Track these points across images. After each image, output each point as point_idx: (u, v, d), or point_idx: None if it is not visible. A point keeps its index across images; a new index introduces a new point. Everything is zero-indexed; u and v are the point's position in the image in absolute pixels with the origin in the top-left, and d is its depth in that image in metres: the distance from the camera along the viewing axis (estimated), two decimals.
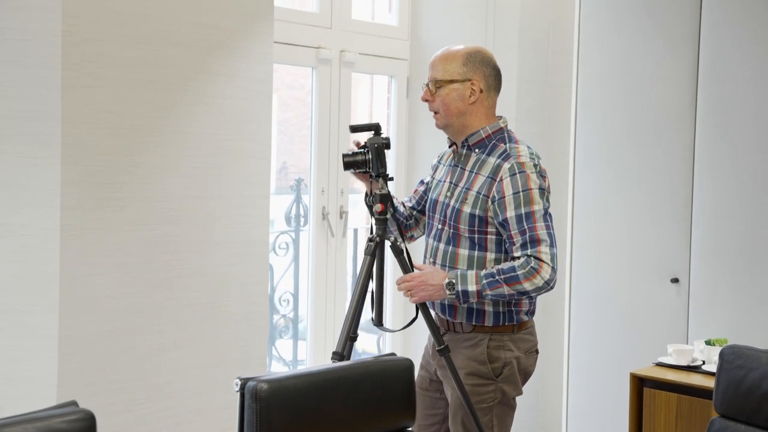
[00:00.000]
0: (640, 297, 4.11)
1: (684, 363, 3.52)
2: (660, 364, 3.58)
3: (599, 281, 4.25)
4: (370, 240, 2.82)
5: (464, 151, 2.83)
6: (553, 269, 2.64)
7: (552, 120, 4.47)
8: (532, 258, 2.63)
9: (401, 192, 4.56)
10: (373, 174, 2.80)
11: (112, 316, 2.98)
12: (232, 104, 3.29)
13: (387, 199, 2.80)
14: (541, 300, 4.38)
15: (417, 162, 4.55)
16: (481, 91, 2.79)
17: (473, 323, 2.78)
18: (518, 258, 2.66)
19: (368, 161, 2.79)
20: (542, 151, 4.42)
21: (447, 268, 2.78)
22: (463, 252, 2.77)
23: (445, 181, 2.86)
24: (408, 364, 2.31)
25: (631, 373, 3.55)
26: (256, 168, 3.40)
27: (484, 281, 2.65)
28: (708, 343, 3.55)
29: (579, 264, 4.31)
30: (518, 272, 2.64)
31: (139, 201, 3.03)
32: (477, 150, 2.80)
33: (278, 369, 4.22)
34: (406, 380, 2.29)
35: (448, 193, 2.81)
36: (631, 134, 4.16)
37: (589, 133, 4.29)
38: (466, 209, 2.74)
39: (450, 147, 2.93)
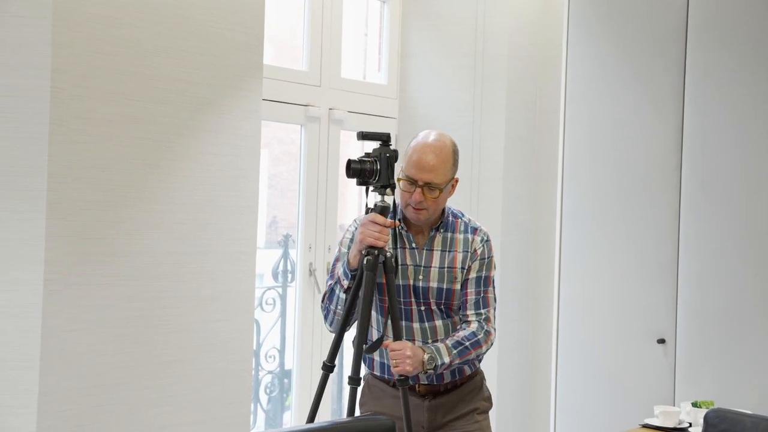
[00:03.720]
0: (627, 357, 4.10)
1: (671, 425, 3.50)
2: (646, 426, 3.56)
3: (586, 340, 4.24)
4: (367, 254, 2.69)
5: (432, 233, 2.84)
6: (495, 330, 2.87)
7: (539, 179, 4.51)
8: (483, 321, 2.81)
9: None
10: (377, 185, 2.72)
11: (95, 371, 2.96)
12: (219, 160, 3.31)
13: (387, 212, 2.75)
14: (527, 360, 4.38)
15: None
16: None
17: (472, 370, 2.89)
18: (470, 321, 2.81)
19: (376, 171, 2.71)
20: (529, 210, 4.45)
21: (422, 343, 2.80)
22: (439, 323, 2.84)
23: (410, 265, 2.82)
24: (390, 424, 2.29)
25: None
26: (243, 224, 3.40)
27: (455, 351, 2.75)
28: (695, 405, 3.54)
29: (565, 323, 4.30)
30: (479, 337, 2.80)
31: (123, 256, 3.03)
32: (442, 230, 2.85)
33: (263, 425, 4.18)
34: None
35: (421, 276, 2.81)
36: (617, 195, 4.19)
37: (575, 193, 4.33)
38: (457, 287, 2.81)
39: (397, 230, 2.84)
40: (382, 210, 2.73)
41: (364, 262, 2.67)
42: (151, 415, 3.10)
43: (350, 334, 2.82)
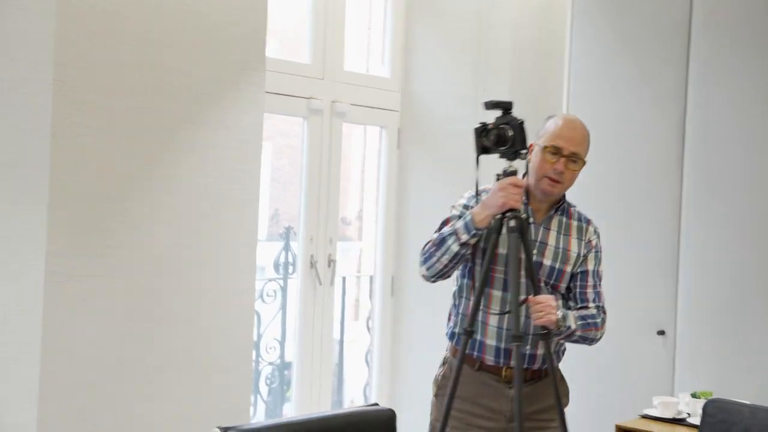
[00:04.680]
0: (627, 348, 4.11)
1: (669, 415, 3.52)
2: (645, 417, 3.59)
3: None
4: (503, 218, 2.70)
5: (552, 212, 2.90)
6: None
7: None
8: (601, 311, 2.86)
9: (391, 241, 4.58)
10: (509, 151, 2.74)
11: (95, 364, 2.98)
12: (221, 153, 3.33)
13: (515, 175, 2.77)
14: None
15: (407, 212, 4.58)
16: None
17: (556, 361, 2.89)
18: (590, 308, 2.85)
19: (511, 137, 2.75)
20: None
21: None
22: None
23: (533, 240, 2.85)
24: (390, 414, 2.31)
25: (616, 425, 3.55)
26: (245, 216, 3.42)
27: (580, 322, 2.78)
28: (693, 395, 3.56)
29: None
30: (597, 320, 2.83)
31: (125, 248, 3.05)
32: (559, 212, 2.91)
33: (263, 416, 4.20)
34: (387, 430, 2.29)
35: (536, 251, 2.83)
36: (619, 189, 4.20)
37: (576, 186, 4.32)
38: (569, 269, 2.86)
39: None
40: (514, 174, 2.77)
41: (511, 224, 2.68)
42: (152, 407, 3.12)
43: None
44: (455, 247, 2.75)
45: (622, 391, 4.07)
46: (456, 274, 2.90)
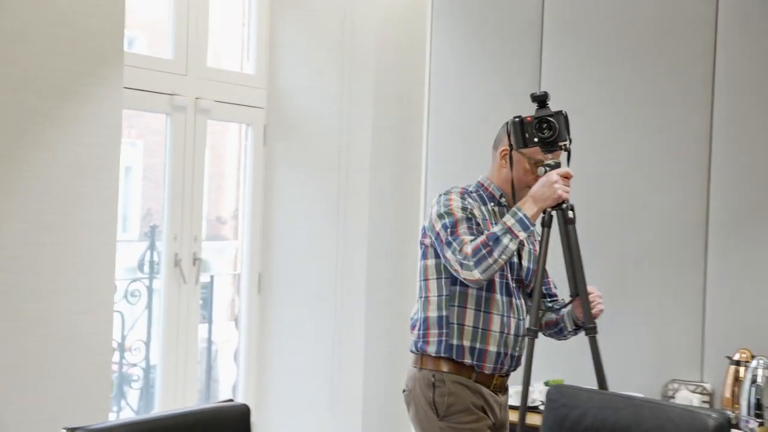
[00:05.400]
0: None
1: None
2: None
3: None
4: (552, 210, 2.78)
5: None
6: None
7: (405, 167, 4.58)
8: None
9: (258, 239, 4.57)
10: (556, 141, 2.76)
11: None
12: (78, 150, 3.25)
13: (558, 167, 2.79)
14: (395, 347, 4.42)
15: (275, 209, 4.58)
16: None
17: None
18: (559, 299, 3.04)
19: (557, 129, 2.76)
20: (393, 198, 4.54)
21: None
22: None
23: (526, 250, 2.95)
24: (244, 410, 2.32)
25: None
26: (103, 215, 3.35)
27: None
28: (546, 384, 3.70)
29: None
30: None
31: None
32: None
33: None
34: (241, 428, 2.30)
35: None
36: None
37: (440, 183, 4.43)
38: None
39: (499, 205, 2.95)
40: (554, 167, 2.77)
41: (569, 215, 2.74)
42: (8, 410, 3.03)
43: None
44: (513, 246, 2.71)
45: None
46: (435, 284, 2.86)
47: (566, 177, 2.75)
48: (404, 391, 2.96)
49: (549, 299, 3.03)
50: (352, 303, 4.42)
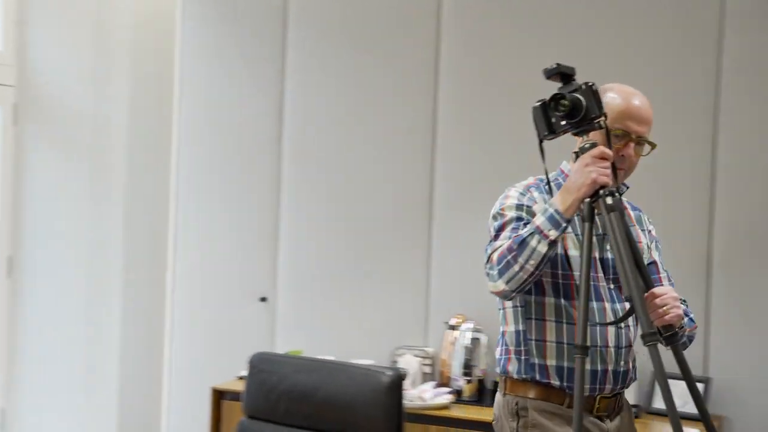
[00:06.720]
0: (233, 315, 4.41)
1: None
2: (243, 377, 3.88)
3: (198, 304, 4.50)
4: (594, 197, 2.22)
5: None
6: None
7: (161, 149, 4.63)
8: (688, 309, 2.47)
9: (8, 220, 4.51)
10: (584, 120, 2.25)
11: None
12: None
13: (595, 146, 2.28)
14: (150, 326, 4.48)
15: (26, 190, 4.53)
16: None
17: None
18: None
19: (584, 105, 2.24)
20: (149, 180, 4.60)
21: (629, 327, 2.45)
22: (628, 305, 2.39)
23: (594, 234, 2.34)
24: None
25: (211, 388, 3.82)
26: None
27: (686, 318, 2.40)
28: (286, 354, 3.90)
29: (182, 290, 4.52)
30: (692, 314, 2.47)
31: None
32: None
33: None
34: None
35: (608, 247, 2.41)
36: (228, 166, 4.46)
37: (190, 164, 4.53)
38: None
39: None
40: (592, 146, 2.26)
41: (608, 201, 2.20)
42: None
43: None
44: (543, 248, 2.24)
45: (229, 355, 4.33)
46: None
47: (602, 158, 2.23)
48: (493, 420, 2.55)
49: None
50: (107, 284, 4.46)
